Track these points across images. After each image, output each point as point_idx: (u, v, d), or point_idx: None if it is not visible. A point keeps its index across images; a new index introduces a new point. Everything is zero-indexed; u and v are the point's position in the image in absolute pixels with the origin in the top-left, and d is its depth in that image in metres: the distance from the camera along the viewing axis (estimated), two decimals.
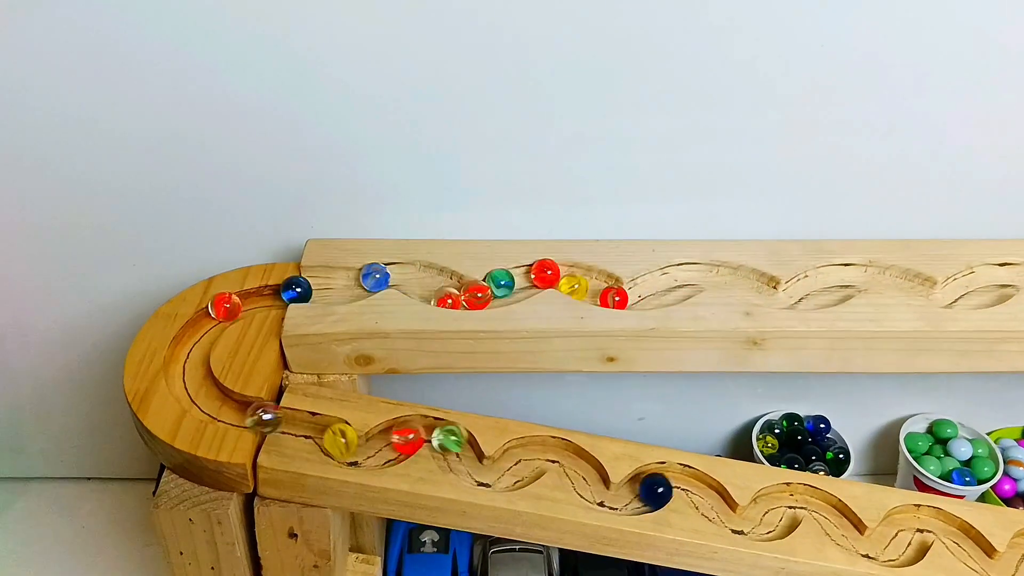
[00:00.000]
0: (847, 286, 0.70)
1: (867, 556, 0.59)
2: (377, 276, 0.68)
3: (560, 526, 0.58)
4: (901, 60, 0.67)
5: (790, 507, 0.62)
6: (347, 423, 0.60)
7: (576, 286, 0.69)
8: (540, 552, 0.82)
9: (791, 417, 0.91)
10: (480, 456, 0.61)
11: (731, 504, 0.61)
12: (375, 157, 0.71)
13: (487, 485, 0.60)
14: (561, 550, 0.85)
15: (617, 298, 0.68)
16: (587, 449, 0.62)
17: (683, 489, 0.62)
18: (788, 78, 0.68)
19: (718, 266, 0.71)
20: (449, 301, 0.66)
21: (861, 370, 0.66)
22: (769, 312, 0.65)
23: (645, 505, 0.60)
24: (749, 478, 0.62)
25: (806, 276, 0.70)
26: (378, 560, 0.73)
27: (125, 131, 0.68)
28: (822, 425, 0.90)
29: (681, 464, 0.62)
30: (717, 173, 0.73)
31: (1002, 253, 0.71)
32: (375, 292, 0.67)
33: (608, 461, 0.61)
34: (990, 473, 0.86)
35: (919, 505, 0.62)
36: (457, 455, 0.61)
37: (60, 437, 0.92)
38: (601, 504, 0.60)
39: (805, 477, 0.62)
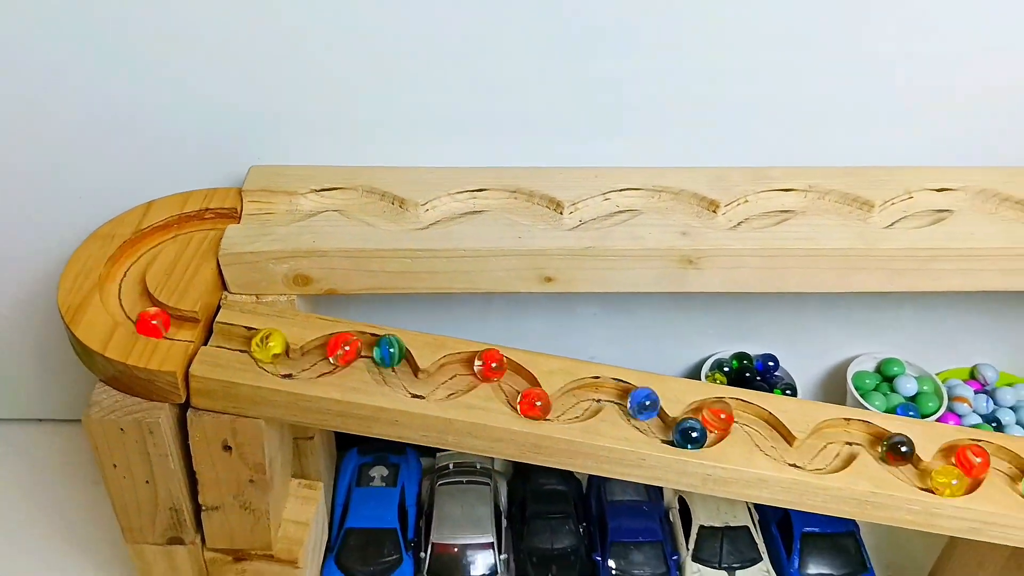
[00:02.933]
0: (787, 211, 0.70)
1: (794, 465, 0.60)
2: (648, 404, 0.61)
3: (491, 434, 0.59)
4: None
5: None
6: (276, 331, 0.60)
7: None
8: (487, 484, 0.83)
9: (741, 356, 0.92)
10: (416, 370, 0.61)
11: (664, 418, 0.61)
12: (321, 86, 0.71)
13: (421, 397, 0.60)
14: (509, 484, 0.86)
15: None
16: (522, 364, 0.62)
17: (616, 403, 0.62)
18: (732, 13, 0.69)
19: (660, 192, 0.71)
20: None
21: (797, 289, 0.67)
22: (705, 232, 0.66)
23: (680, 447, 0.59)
24: (683, 392, 0.62)
25: (746, 201, 0.70)
26: (320, 485, 0.73)
27: (60, 58, 0.68)
28: (771, 363, 0.91)
29: (615, 379, 0.63)
30: (664, 107, 0.73)
31: (941, 179, 0.71)
32: None
33: (543, 375, 0.62)
34: (934, 408, 0.88)
35: (849, 419, 0.63)
36: (393, 369, 0.62)
37: (11, 378, 0.91)
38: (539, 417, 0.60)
39: (739, 392, 0.63)
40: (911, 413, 0.87)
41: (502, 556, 0.78)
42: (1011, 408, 0.92)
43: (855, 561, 0.79)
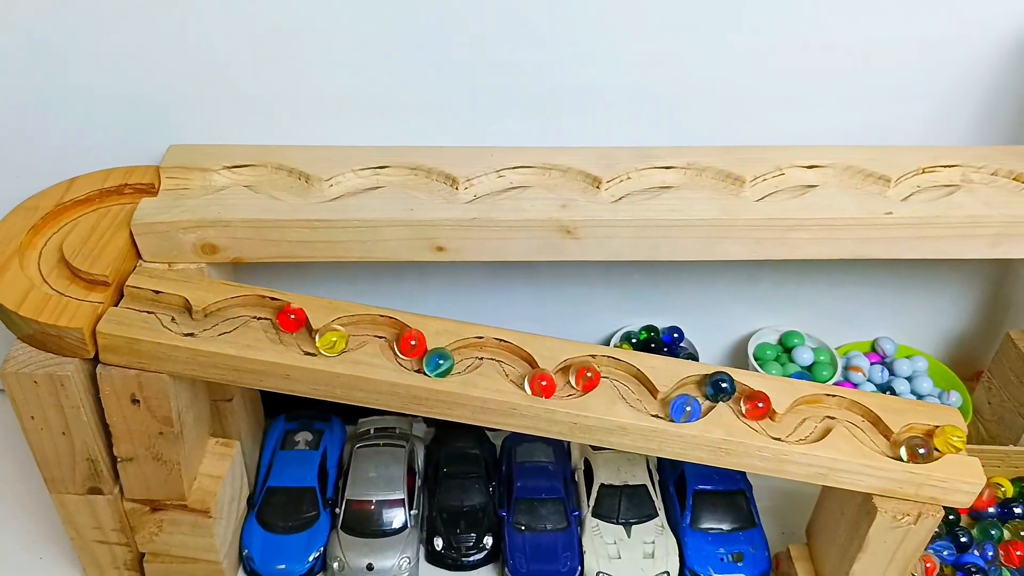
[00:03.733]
0: (667, 187, 0.76)
1: (656, 415, 0.65)
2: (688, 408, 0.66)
3: (375, 387, 0.64)
4: None
5: (604, 377, 0.68)
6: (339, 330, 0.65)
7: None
8: (403, 447, 0.88)
9: (649, 328, 0.97)
10: (311, 331, 0.66)
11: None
12: (237, 70, 0.76)
13: (312, 354, 0.65)
14: (428, 448, 0.91)
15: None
16: (411, 325, 0.67)
17: (497, 360, 0.68)
18: (622, 4, 0.74)
19: (550, 169, 0.76)
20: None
21: (668, 257, 0.72)
22: (583, 204, 0.71)
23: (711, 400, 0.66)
24: (557, 350, 0.68)
25: (629, 178, 0.76)
26: (236, 444, 0.78)
27: None
28: (676, 335, 0.96)
29: (496, 339, 0.68)
30: (558, 92, 0.79)
31: (812, 157, 0.77)
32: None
33: (430, 335, 0.67)
34: (828, 376, 0.93)
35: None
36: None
37: None
38: (419, 371, 0.65)
39: (609, 351, 0.68)
40: None
41: (412, 512, 0.83)
42: (907, 378, 0.98)
43: (744, 517, 0.84)
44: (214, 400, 0.79)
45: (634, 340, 0.96)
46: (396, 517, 0.82)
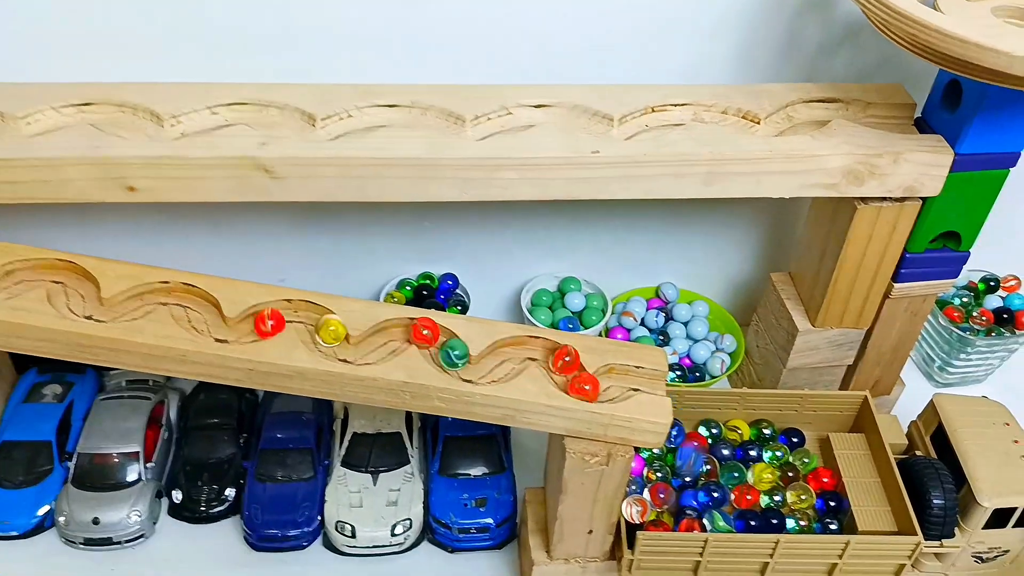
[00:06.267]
0: (387, 126, 0.73)
1: (344, 360, 0.64)
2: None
3: (35, 334, 0.61)
4: None
5: (289, 321, 0.66)
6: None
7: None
8: (148, 399, 0.85)
9: (426, 276, 0.95)
10: None
11: (224, 318, 0.64)
12: None
13: None
14: (185, 399, 0.89)
15: None
16: (90, 270, 0.64)
17: (183, 306, 0.65)
18: None
19: (267, 106, 0.73)
20: None
21: (375, 198, 0.70)
22: (284, 141, 0.68)
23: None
24: (248, 294, 0.65)
25: (350, 116, 0.73)
26: None
27: None
28: (449, 282, 0.95)
29: (184, 283, 0.65)
30: (285, 29, 0.76)
31: (539, 96, 0.75)
32: None
33: (108, 281, 0.64)
34: (596, 321, 0.93)
35: (413, 319, 0.67)
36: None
37: None
38: (89, 317, 0.63)
39: (304, 295, 0.66)
40: (571, 326, 0.92)
41: (149, 465, 0.81)
42: (684, 323, 0.98)
43: (494, 462, 0.84)
44: None
45: (408, 287, 0.94)
46: (130, 470, 0.80)
